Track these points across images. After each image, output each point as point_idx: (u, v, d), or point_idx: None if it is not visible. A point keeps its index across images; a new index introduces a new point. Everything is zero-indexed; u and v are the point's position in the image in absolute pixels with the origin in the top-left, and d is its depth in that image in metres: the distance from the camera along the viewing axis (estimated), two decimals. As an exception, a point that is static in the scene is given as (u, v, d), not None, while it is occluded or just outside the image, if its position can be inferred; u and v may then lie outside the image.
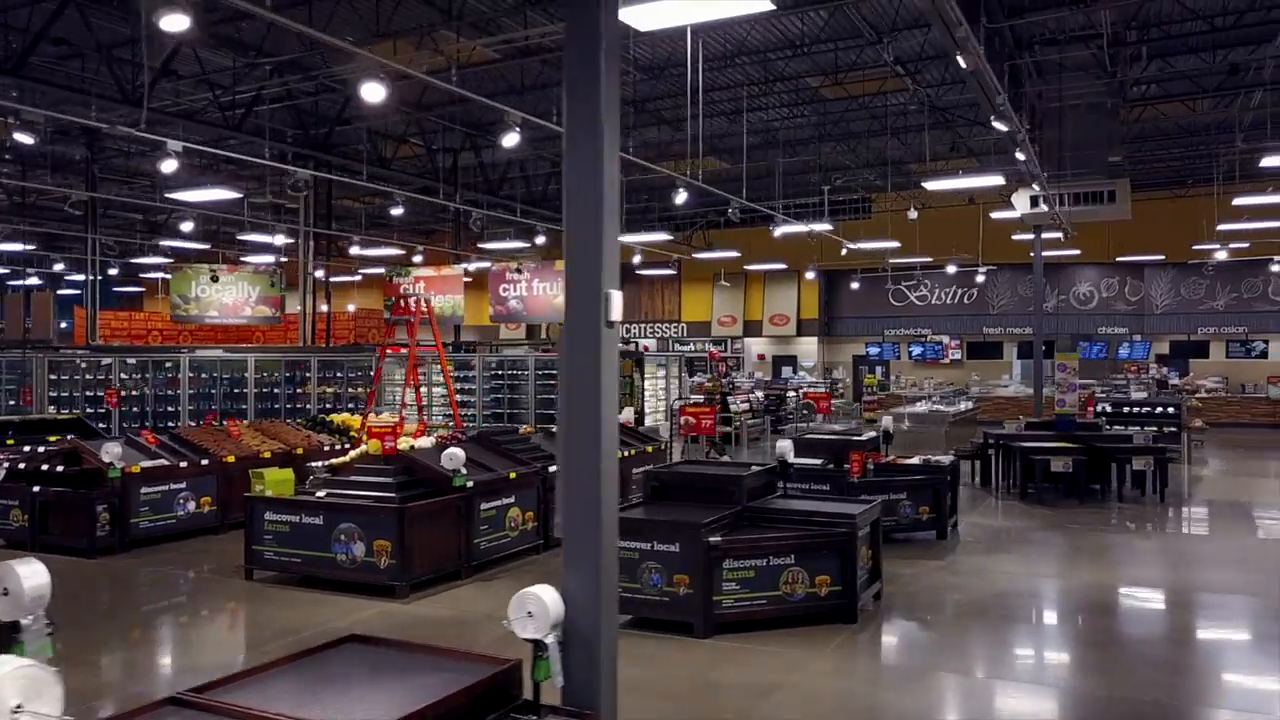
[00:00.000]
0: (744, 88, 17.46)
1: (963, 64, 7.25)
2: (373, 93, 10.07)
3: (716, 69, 16.28)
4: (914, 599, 8.10)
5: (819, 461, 10.76)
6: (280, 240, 23.25)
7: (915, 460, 10.84)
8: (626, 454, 11.27)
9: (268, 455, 11.02)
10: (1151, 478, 13.28)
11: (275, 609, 7.74)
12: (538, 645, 3.74)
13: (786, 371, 30.79)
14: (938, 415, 19.88)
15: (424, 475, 8.66)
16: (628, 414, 13.19)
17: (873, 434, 11.69)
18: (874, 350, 29.90)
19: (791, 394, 25.59)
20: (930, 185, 14.73)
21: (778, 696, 5.81)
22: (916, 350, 29.19)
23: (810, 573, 7.10)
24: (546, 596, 3.76)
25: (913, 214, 17.13)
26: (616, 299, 4.22)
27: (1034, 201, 14.66)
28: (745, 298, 31.09)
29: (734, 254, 25.20)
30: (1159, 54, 15.52)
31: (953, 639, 7.23)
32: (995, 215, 19.11)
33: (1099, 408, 18.68)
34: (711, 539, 6.84)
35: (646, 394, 17.18)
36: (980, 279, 24.73)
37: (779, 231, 20.71)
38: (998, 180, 13.68)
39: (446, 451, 8.43)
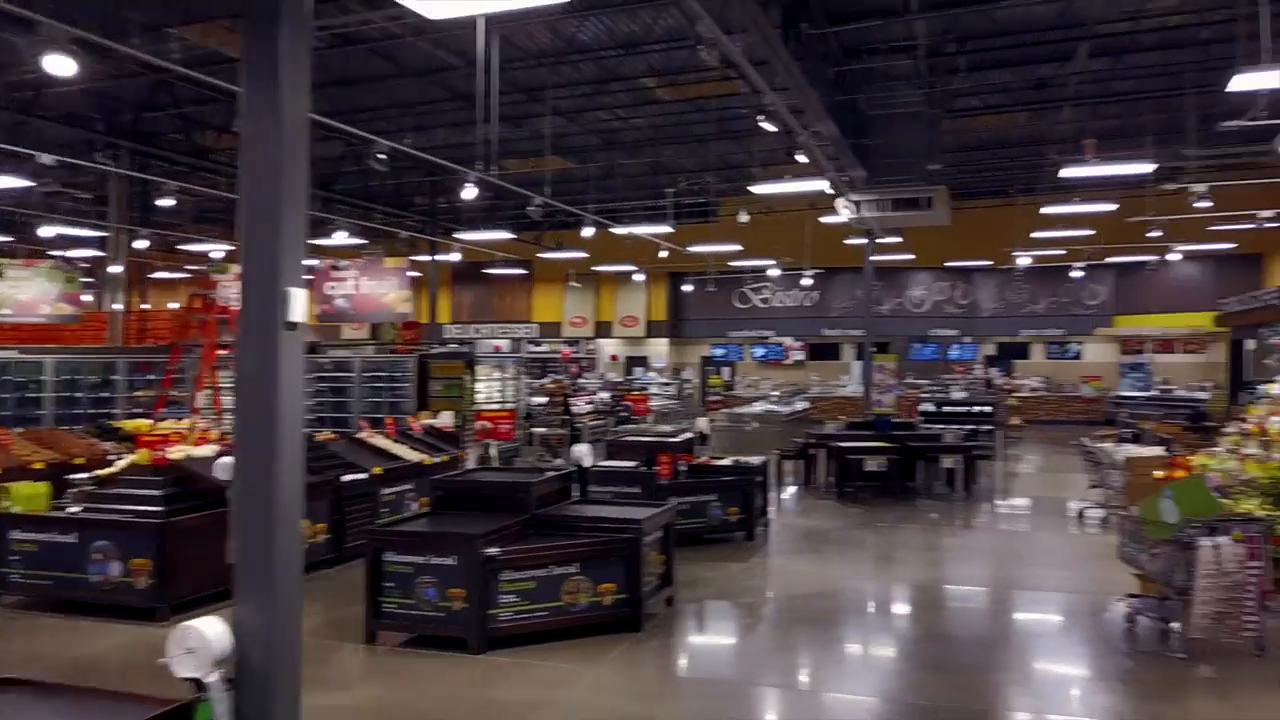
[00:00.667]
0: (578, 86, 17.29)
1: (706, 57, 7.21)
2: (60, 66, 8.97)
3: (549, 66, 16.04)
4: (708, 604, 8.05)
5: (632, 464, 10.65)
6: (94, 233, 21.72)
7: (727, 461, 10.87)
8: (437, 460, 10.91)
9: (39, 466, 10.12)
10: (961, 475, 13.79)
11: (10, 639, 7.04)
12: (198, 685, 3.39)
13: (638, 372, 30.87)
14: (773, 415, 20.24)
15: (200, 486, 8.07)
16: (446, 418, 12.79)
17: (688, 435, 11.68)
18: (720, 351, 30.30)
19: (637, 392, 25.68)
20: (758, 189, 14.91)
21: (541, 714, 5.60)
22: (760, 351, 29.74)
23: (594, 581, 6.92)
24: (209, 630, 3.41)
25: (743, 217, 17.33)
26: (299, 298, 3.87)
27: (856, 206, 15.04)
28: (596, 299, 30.99)
29: (582, 255, 25.00)
30: (975, 67, 16.16)
31: (741, 645, 7.20)
32: (824, 220, 19.55)
33: (924, 407, 19.41)
34: (488, 550, 6.58)
35: (480, 396, 16.77)
36: (807, 282, 25.27)
37: (620, 232, 20.64)
38: (822, 185, 13.96)
39: (219, 461, 7.87)
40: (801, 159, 13.73)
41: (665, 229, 19.60)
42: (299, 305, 3.83)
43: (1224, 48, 14.34)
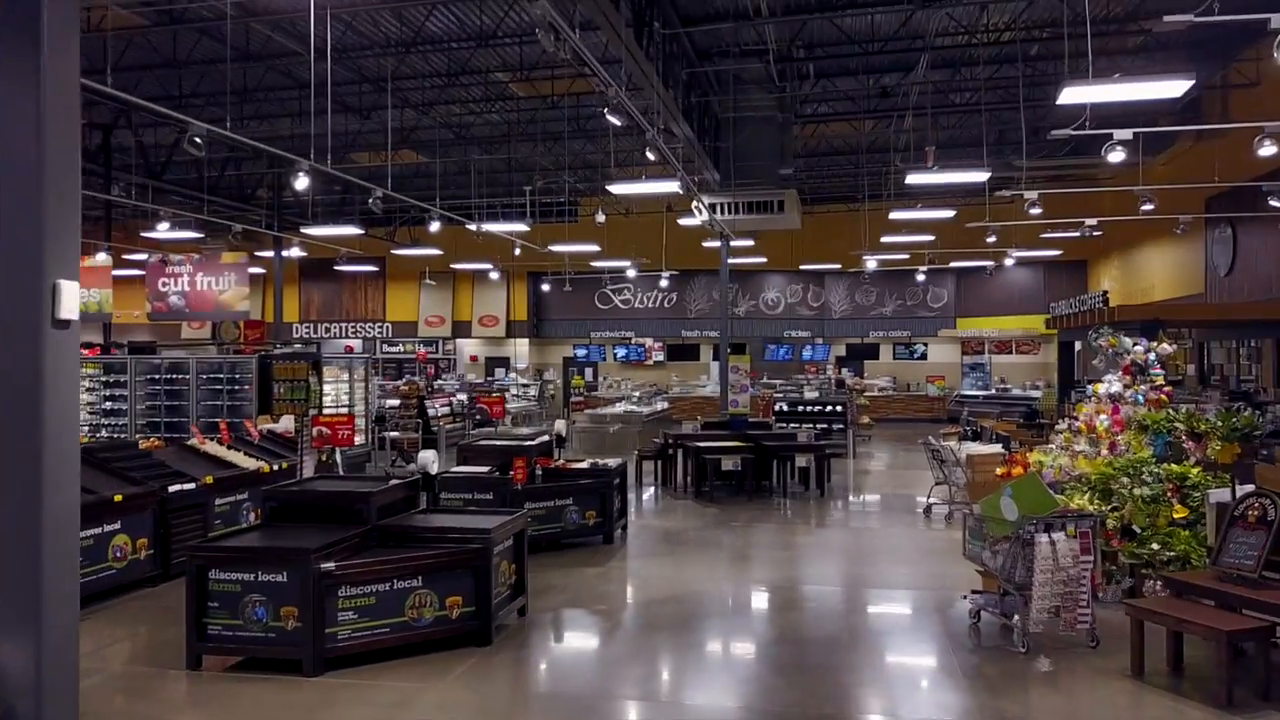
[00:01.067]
0: (429, 78, 16.76)
1: (544, 41, 7.03)
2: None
3: (397, 55, 15.46)
4: (563, 613, 7.82)
5: (486, 469, 10.30)
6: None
7: (585, 464, 10.66)
8: (277, 468, 10.27)
9: None
10: (815, 473, 14.04)
11: None
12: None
13: (499, 373, 30.32)
14: (633, 416, 20.19)
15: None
16: (287, 423, 12.10)
17: (545, 438, 11.41)
18: (582, 352, 30.12)
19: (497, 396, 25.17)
20: (615, 189, 14.80)
21: (379, 739, 5.24)
22: (622, 352, 29.73)
23: (440, 594, 6.58)
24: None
25: (600, 217, 17.17)
26: (69, 291, 3.36)
27: (711, 208, 15.13)
28: (454, 298, 30.27)
29: (436, 252, 24.33)
30: (823, 74, 16.55)
31: (596, 655, 7.00)
32: (682, 222, 19.65)
33: (778, 407, 19.75)
34: (324, 565, 6.14)
35: (327, 399, 16.00)
36: (665, 283, 25.38)
37: (474, 229, 20.14)
38: (677, 187, 13.94)
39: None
40: (655, 158, 13.64)
41: (522, 227, 19.25)
42: (69, 300, 3.33)
43: (1051, 64, 15.17)
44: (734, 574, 9.30)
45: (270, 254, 25.15)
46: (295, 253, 25.87)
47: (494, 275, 26.21)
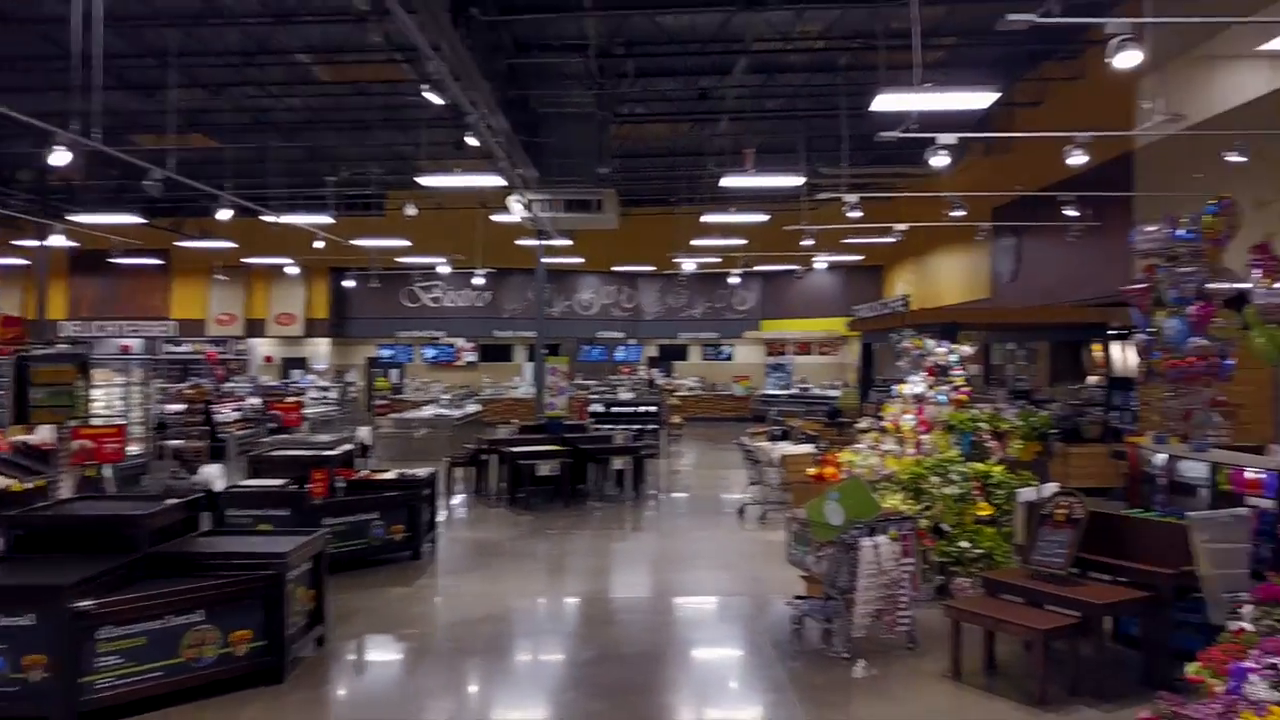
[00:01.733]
0: (223, 56, 15.40)
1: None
2: None
3: (184, 29, 14.09)
4: (367, 640, 7.17)
5: (281, 482, 9.42)
6: None
7: (391, 474, 9.95)
8: (29, 486, 8.97)
9: None
10: (631, 475, 13.85)
11: None
12: None
13: (297, 374, 28.54)
14: (443, 420, 19.42)
15: None
16: (45, 434, 10.66)
17: (348, 446, 10.61)
18: (387, 352, 28.86)
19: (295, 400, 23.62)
20: (426, 182, 14.05)
21: (146, 807, 4.50)
22: (430, 353, 28.70)
23: (225, 629, 5.82)
24: None
25: (411, 210, 16.37)
26: None
27: (528, 205, 14.67)
28: (248, 295, 28.26)
29: (228, 244, 22.58)
30: (643, 73, 16.42)
31: (402, 687, 6.42)
32: (496, 218, 19.07)
33: (594, 408, 19.52)
34: (80, 603, 5.28)
35: (98, 406, 14.37)
36: (479, 282, 24.65)
37: (271, 220, 18.78)
38: (493, 181, 13.42)
39: None
40: (472, 145, 13.00)
41: (324, 219, 18.07)
42: None
43: (861, 74, 15.66)
44: (551, 587, 8.91)
45: (34, 243, 22.57)
46: (63, 243, 23.35)
47: (292, 271, 24.61)
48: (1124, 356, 15.12)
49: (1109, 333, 13.69)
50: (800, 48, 14.84)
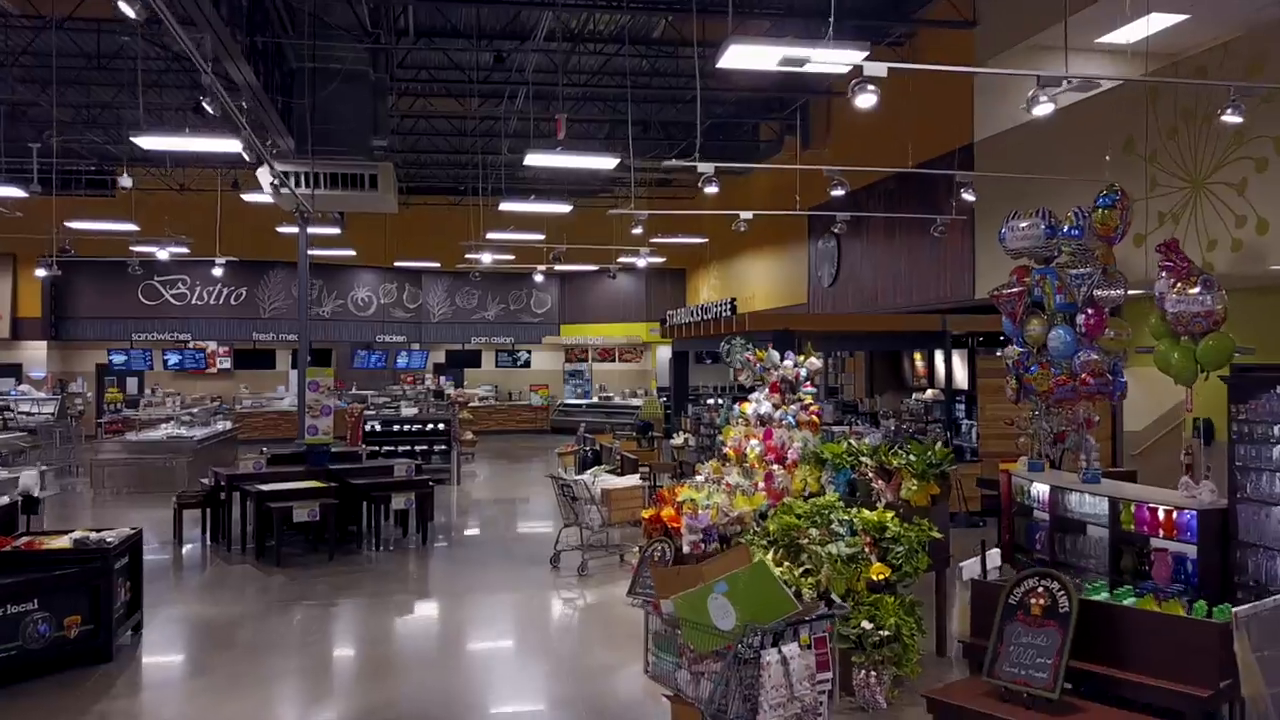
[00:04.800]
0: None
1: None
2: None
3: None
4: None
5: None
6: None
7: (66, 539, 6.98)
8: None
9: None
10: (416, 514, 11.33)
11: None
12: None
13: (7, 384, 23.59)
14: (180, 443, 15.97)
15: None
16: None
17: (6, 499, 7.49)
18: (119, 358, 24.43)
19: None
20: (145, 143, 10.86)
21: None
22: (174, 359, 24.53)
23: None
24: None
25: (126, 181, 12.99)
26: None
27: (281, 180, 11.82)
28: (-69, 287, 23.06)
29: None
30: (427, 31, 13.90)
31: None
32: (249, 198, 15.85)
33: (370, 426, 16.70)
34: None
35: None
36: (217, 272, 20.83)
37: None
38: (230, 145, 10.50)
39: None
40: (210, 107, 10.07)
41: (17, 193, 14.24)
42: None
43: (680, 49, 13.82)
44: (306, 707, 6.34)
45: None
46: None
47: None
48: (948, 369, 14.12)
49: (979, 342, 12.51)
50: (611, 5, 12.80)
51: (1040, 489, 8.32)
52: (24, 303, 23.36)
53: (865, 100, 7.05)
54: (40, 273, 20.22)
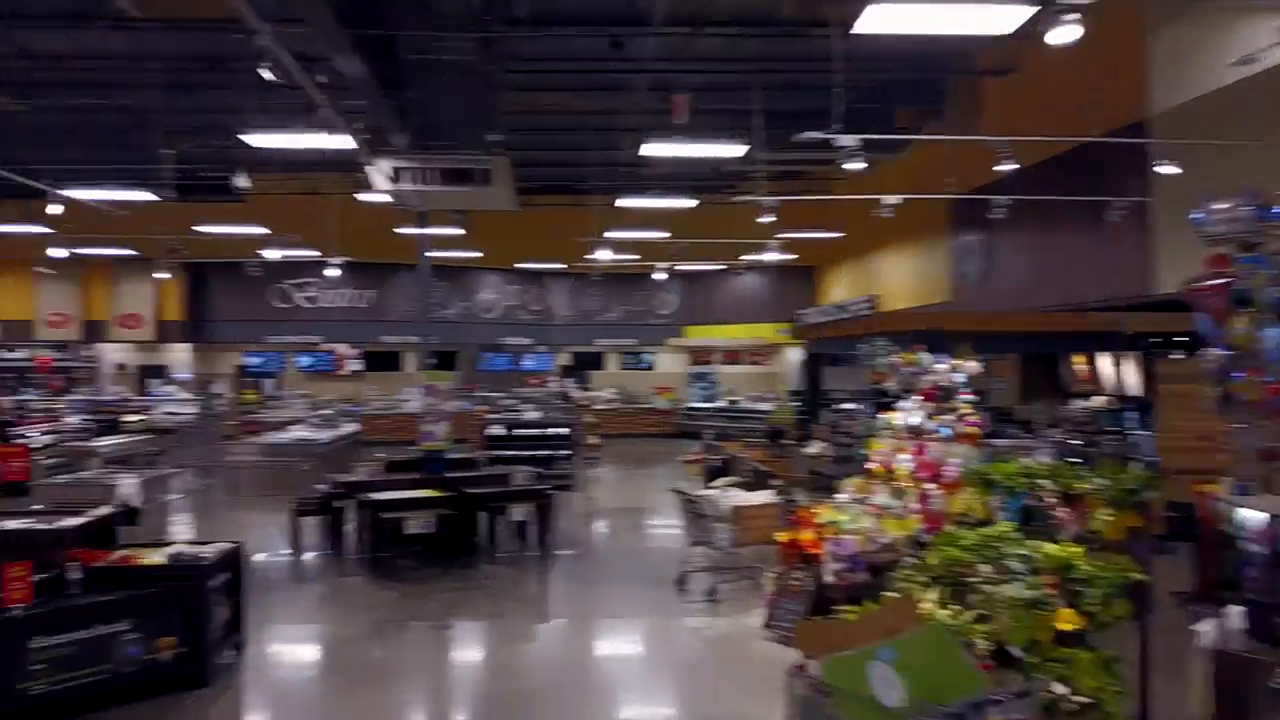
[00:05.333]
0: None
1: None
2: None
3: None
4: None
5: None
6: None
7: (160, 557, 6.60)
8: None
9: None
10: (537, 524, 10.73)
11: None
12: None
13: (155, 385, 24.53)
14: (305, 445, 15.93)
15: None
16: None
17: (106, 510, 7.20)
18: (255, 360, 25.01)
19: (138, 416, 19.76)
20: (255, 141, 10.66)
21: None
22: (305, 360, 24.95)
23: None
24: None
25: (243, 181, 12.89)
26: None
27: (395, 176, 11.44)
28: (85, 292, 24.08)
29: (42, 230, 18.60)
30: (541, 19, 13.30)
31: None
32: (364, 198, 15.66)
33: (492, 430, 16.31)
34: None
35: None
36: (332, 273, 20.79)
37: (88, 199, 15.03)
38: (348, 143, 10.17)
39: None
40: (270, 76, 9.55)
41: (144, 195, 14.40)
42: None
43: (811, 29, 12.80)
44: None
45: None
46: None
47: (141, 265, 20.64)
48: (1120, 372, 12.64)
49: (1157, 343, 11.09)
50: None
51: (1254, 516, 7.02)
52: (167, 306, 24.12)
53: (1063, 36, 6.02)
54: (160, 275, 20.68)
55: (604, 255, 21.06)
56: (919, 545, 8.04)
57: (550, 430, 16.21)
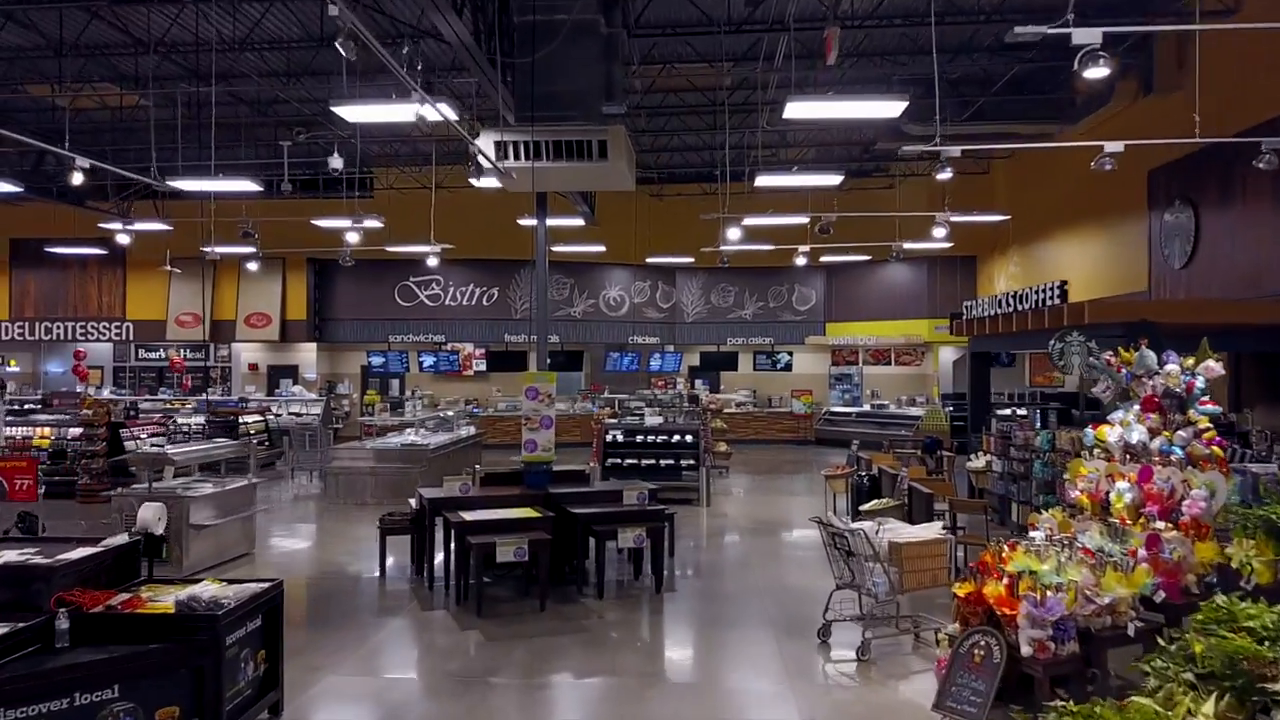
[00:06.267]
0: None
1: None
2: None
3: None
4: None
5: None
6: None
7: (169, 599, 5.31)
8: None
9: None
10: (650, 551, 9.16)
11: None
12: None
13: (286, 385, 24.32)
14: (413, 451, 14.88)
15: None
16: None
17: (121, 539, 5.97)
18: (378, 360, 24.45)
19: (255, 418, 19.31)
20: (344, 112, 9.50)
21: None
22: (429, 360, 24.21)
23: None
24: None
25: (336, 162, 11.81)
26: None
27: (501, 149, 10.11)
28: (212, 290, 24.04)
29: (156, 226, 18.36)
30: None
31: None
32: (480, 184, 14.45)
33: (612, 437, 14.86)
34: None
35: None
36: (431, 260, 19.44)
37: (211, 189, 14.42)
38: (449, 114, 8.88)
39: None
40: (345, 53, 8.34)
41: (246, 185, 13.60)
42: None
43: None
44: None
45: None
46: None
47: (252, 265, 20.24)
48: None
49: None
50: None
51: None
52: (292, 305, 23.82)
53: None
54: (251, 267, 20.12)
55: (737, 246, 19.35)
56: (1151, 606, 6.08)
57: (674, 437, 14.64)
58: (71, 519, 11.21)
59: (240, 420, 18.36)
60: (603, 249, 21.46)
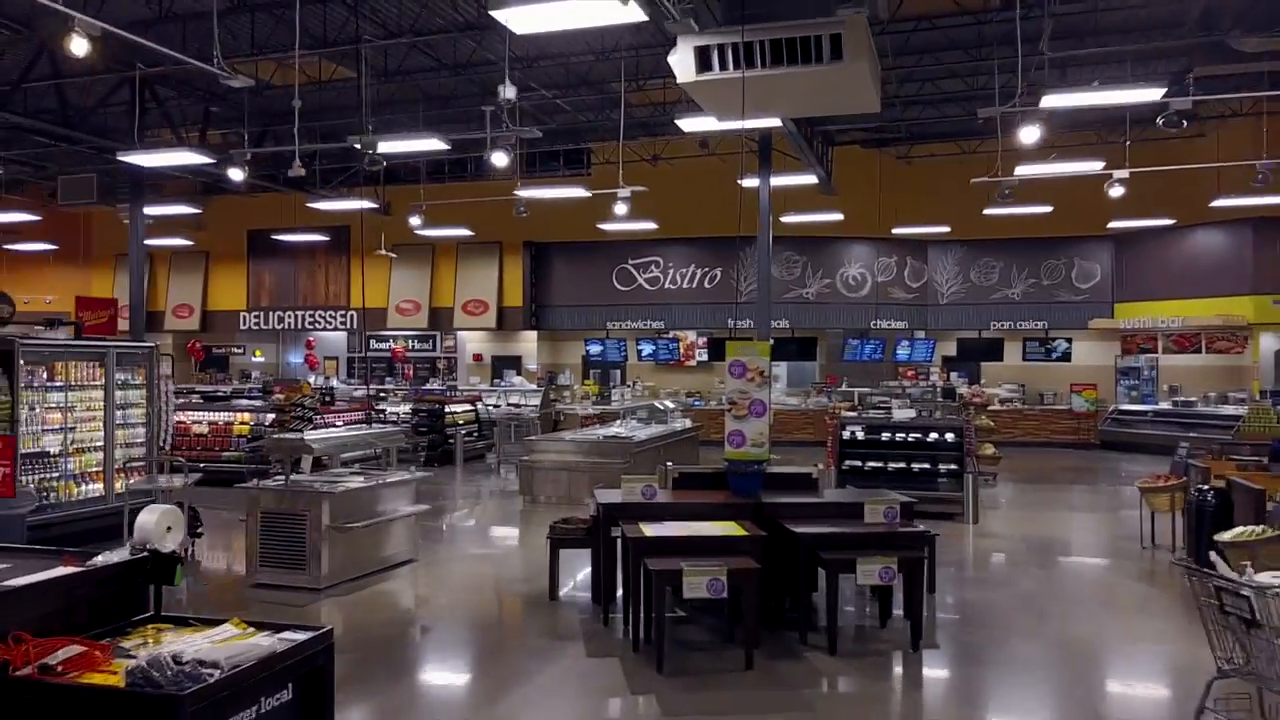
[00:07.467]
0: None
1: None
2: None
3: None
4: None
5: None
6: None
7: (143, 658, 3.42)
8: None
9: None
10: (904, 588, 6.54)
11: None
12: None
13: (509, 375, 23.41)
14: (614, 445, 12.94)
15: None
16: None
17: (116, 558, 4.17)
18: (595, 348, 22.92)
19: (464, 408, 18.23)
20: (502, 16, 7.58)
21: None
22: (648, 349, 22.36)
23: None
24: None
25: (524, 135, 9.67)
26: None
27: (704, 57, 7.85)
28: (432, 277, 23.43)
29: (360, 205, 17.56)
30: None
31: None
32: (688, 126, 12.21)
33: (849, 432, 12.21)
34: None
35: (52, 415, 9.32)
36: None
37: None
38: (623, 12, 6.75)
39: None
40: None
41: (432, 143, 12.10)
42: None
43: None
44: None
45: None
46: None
47: (479, 244, 19.12)
48: None
49: None
50: None
51: None
52: (509, 290, 22.76)
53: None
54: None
55: (1003, 210, 16.05)
56: None
57: (930, 435, 11.78)
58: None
59: (447, 410, 17.27)
60: (840, 218, 18.70)
